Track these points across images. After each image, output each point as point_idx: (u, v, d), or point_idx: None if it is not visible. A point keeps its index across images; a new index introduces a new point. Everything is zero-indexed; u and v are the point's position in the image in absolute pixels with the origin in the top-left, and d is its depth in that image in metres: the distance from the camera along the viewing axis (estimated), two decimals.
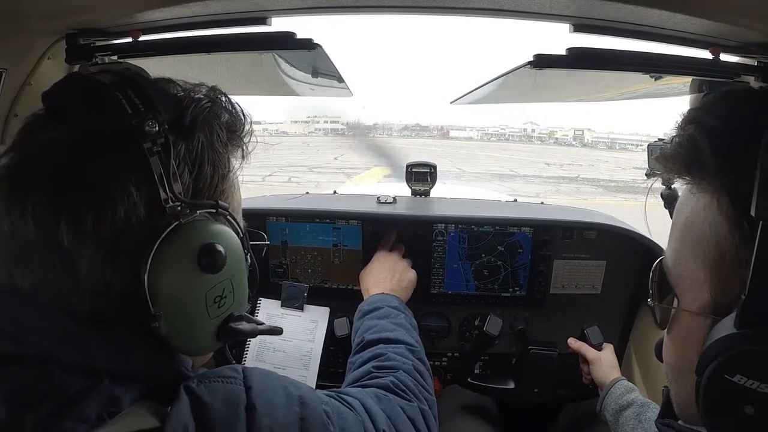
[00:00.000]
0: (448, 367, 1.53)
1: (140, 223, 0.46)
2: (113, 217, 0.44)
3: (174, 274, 0.47)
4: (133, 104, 0.46)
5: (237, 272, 0.53)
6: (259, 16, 0.87)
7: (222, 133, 0.53)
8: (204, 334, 0.52)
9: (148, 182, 0.46)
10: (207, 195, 0.52)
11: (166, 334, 0.48)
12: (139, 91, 0.48)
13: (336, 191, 1.95)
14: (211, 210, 0.51)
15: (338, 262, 1.48)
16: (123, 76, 0.50)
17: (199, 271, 0.48)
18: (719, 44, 0.85)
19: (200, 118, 0.51)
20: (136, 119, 0.46)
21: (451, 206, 1.63)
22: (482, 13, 0.86)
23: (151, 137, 0.46)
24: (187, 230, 0.48)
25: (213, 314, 0.51)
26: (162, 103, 0.48)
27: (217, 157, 0.53)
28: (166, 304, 0.47)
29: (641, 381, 1.42)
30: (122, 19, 0.86)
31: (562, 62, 0.87)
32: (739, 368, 0.40)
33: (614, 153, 31.33)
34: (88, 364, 0.45)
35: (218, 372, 0.52)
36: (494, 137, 44.10)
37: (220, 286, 0.51)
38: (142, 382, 0.48)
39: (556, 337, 1.33)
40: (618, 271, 1.44)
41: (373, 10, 0.90)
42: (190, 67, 1.12)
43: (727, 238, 0.43)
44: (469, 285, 1.48)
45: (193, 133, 0.50)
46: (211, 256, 0.49)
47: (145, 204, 0.46)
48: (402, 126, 49.05)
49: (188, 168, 0.50)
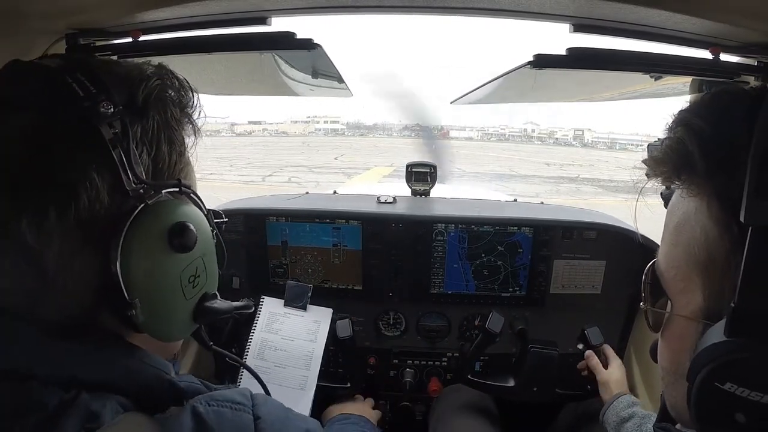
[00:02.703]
0: (448, 367, 1.53)
1: (105, 210, 0.44)
2: (77, 206, 0.42)
3: (147, 258, 0.46)
4: (84, 87, 0.45)
5: (207, 250, 0.53)
6: (259, 16, 0.87)
7: (175, 110, 0.51)
8: (181, 316, 0.51)
9: (109, 166, 0.44)
10: (167, 175, 0.51)
11: (143, 322, 0.46)
12: (89, 74, 0.46)
13: (336, 191, 1.95)
14: (174, 189, 0.50)
15: (338, 262, 1.48)
16: (69, 59, 0.48)
17: (171, 251, 0.47)
18: (719, 44, 0.85)
19: (152, 96, 0.49)
20: (89, 102, 0.44)
21: (451, 206, 1.63)
22: (482, 13, 0.86)
23: (107, 119, 0.44)
24: (155, 211, 0.47)
25: (189, 294, 0.50)
26: (113, 84, 0.46)
27: (173, 135, 0.51)
28: (142, 289, 0.45)
29: (641, 381, 1.42)
30: (122, 19, 0.86)
31: (562, 62, 0.87)
32: (729, 376, 0.39)
33: (614, 153, 31.30)
34: (63, 376, 0.43)
35: (227, 396, 0.51)
36: (494, 137, 44.07)
37: (193, 265, 0.50)
38: (122, 393, 0.46)
39: (556, 337, 1.33)
40: (618, 271, 1.44)
41: (373, 10, 0.90)
42: (190, 67, 1.12)
43: (717, 243, 0.42)
44: (469, 285, 1.48)
45: (147, 112, 0.48)
46: (182, 236, 0.47)
47: (108, 189, 0.44)
48: (402, 126, 49.07)
49: (146, 148, 0.48)
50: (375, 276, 1.48)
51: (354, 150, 23.47)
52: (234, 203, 1.60)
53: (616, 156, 27.54)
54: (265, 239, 1.47)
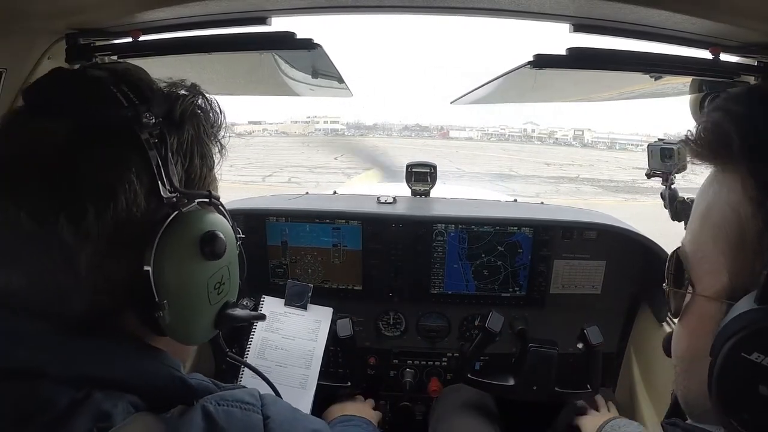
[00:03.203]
0: (448, 367, 1.53)
1: (141, 214, 0.46)
2: (115, 208, 0.44)
3: (178, 263, 0.48)
4: (127, 97, 0.47)
5: (233, 260, 0.55)
6: (259, 16, 0.87)
7: (207, 126, 0.54)
8: (204, 321, 0.53)
9: (147, 172, 0.46)
10: (197, 186, 0.53)
11: (168, 324, 0.48)
12: (132, 85, 0.48)
13: (336, 191, 1.95)
14: (204, 200, 0.53)
15: (338, 262, 1.48)
16: (114, 70, 0.50)
17: (201, 258, 0.49)
18: (719, 44, 0.85)
19: (188, 111, 0.52)
20: (132, 111, 0.47)
21: (451, 206, 1.63)
22: (482, 13, 0.86)
23: (148, 128, 0.47)
24: (188, 219, 0.49)
25: (213, 301, 0.52)
26: (154, 97, 0.49)
27: (205, 149, 0.54)
28: (171, 292, 0.47)
29: (641, 380, 1.42)
30: (122, 19, 0.86)
31: (562, 62, 0.87)
32: (757, 346, 0.39)
33: (614, 153, 31.32)
34: (75, 374, 0.43)
35: (236, 396, 0.52)
36: (494, 137, 44.10)
37: (219, 273, 0.52)
38: (134, 392, 0.46)
39: (556, 337, 1.33)
40: (618, 271, 1.44)
41: (373, 10, 0.90)
42: (190, 67, 1.12)
43: (750, 221, 0.43)
44: (469, 285, 1.48)
45: (183, 126, 0.51)
46: (212, 244, 0.50)
47: (145, 194, 0.46)
48: (402, 126, 49.07)
49: (181, 159, 0.51)
50: (375, 276, 1.48)
51: (354, 150, 23.47)
52: (234, 203, 1.60)
53: (616, 156, 27.55)
54: (265, 239, 1.47)
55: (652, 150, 1.18)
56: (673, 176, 1.16)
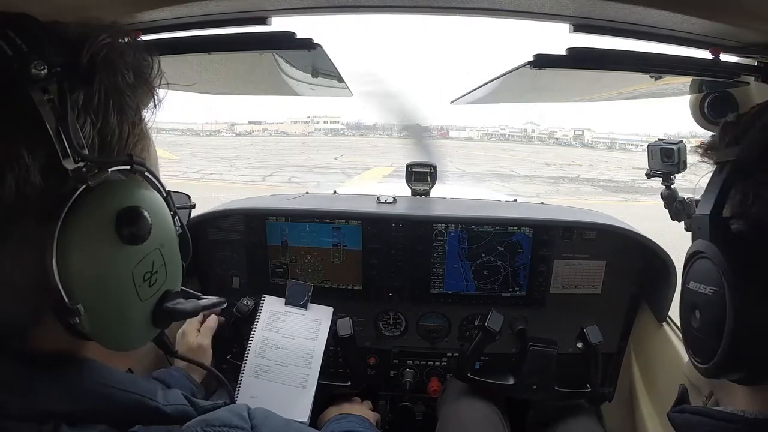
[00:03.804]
0: (448, 367, 1.53)
1: (37, 194, 0.37)
2: (2, 189, 0.35)
3: (89, 252, 0.38)
4: (13, 45, 0.37)
5: (166, 240, 0.45)
6: (259, 16, 0.87)
7: (128, 74, 0.43)
8: (137, 322, 0.44)
9: (42, 140, 0.37)
10: (116, 150, 0.43)
11: (90, 332, 0.39)
12: (22, 31, 0.38)
13: (336, 191, 1.95)
14: (124, 167, 0.43)
15: (338, 263, 1.48)
16: (4, 14, 0.40)
17: (120, 243, 0.40)
18: (719, 44, 0.85)
19: (100, 56, 0.41)
20: (18, 62, 0.36)
21: (451, 206, 1.63)
22: (482, 13, 0.86)
23: (40, 83, 0.37)
24: (99, 194, 0.39)
25: (144, 295, 0.43)
26: (51, 43, 0.39)
27: (125, 102, 0.43)
28: (85, 291, 0.38)
29: (641, 380, 1.42)
30: (122, 19, 0.86)
31: (562, 62, 0.87)
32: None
33: (614, 153, 31.33)
34: (37, 410, 0.38)
35: (223, 420, 0.45)
36: (494, 137, 44.11)
37: (148, 259, 0.43)
38: (104, 422, 0.40)
39: (557, 337, 1.33)
40: (618, 271, 1.44)
41: (373, 10, 0.90)
42: (190, 67, 1.12)
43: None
44: (469, 285, 1.48)
45: (93, 75, 0.40)
46: (133, 224, 0.40)
47: (41, 169, 0.37)
48: (402, 126, 49.07)
49: (90, 118, 0.40)
50: (375, 276, 1.48)
51: (354, 150, 23.47)
52: (234, 203, 1.60)
53: (616, 156, 27.55)
54: (265, 239, 1.47)
55: (652, 150, 1.18)
56: (673, 176, 1.16)
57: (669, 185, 1.17)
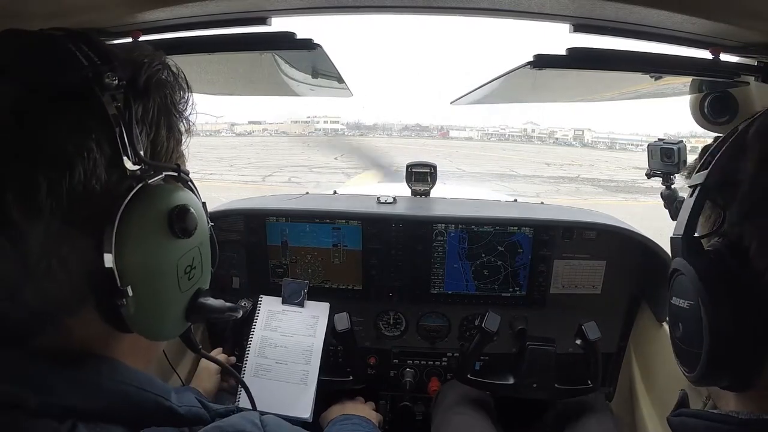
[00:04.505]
0: (448, 366, 1.53)
1: (101, 187, 0.40)
2: (71, 180, 0.38)
3: (143, 241, 0.43)
4: (88, 57, 0.42)
5: (204, 240, 0.50)
6: (259, 16, 0.86)
7: (174, 98, 0.50)
8: (174, 311, 0.48)
9: (109, 140, 0.41)
10: (164, 160, 0.48)
11: (132, 315, 0.42)
12: (93, 45, 0.43)
13: (336, 191, 1.95)
14: (173, 173, 0.48)
15: (338, 263, 1.48)
16: (72, 30, 0.44)
17: (170, 236, 0.44)
18: (719, 44, 0.85)
19: (154, 79, 0.47)
20: (93, 72, 0.41)
21: (451, 206, 1.63)
22: (482, 13, 0.86)
23: (110, 91, 0.41)
24: (155, 192, 0.44)
25: (184, 287, 0.47)
26: (117, 60, 0.44)
27: (173, 121, 0.49)
28: (135, 275, 0.42)
29: (641, 380, 1.42)
30: (122, 19, 0.86)
31: (562, 62, 0.86)
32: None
33: (614, 153, 31.34)
34: (56, 404, 0.39)
35: (236, 426, 0.47)
36: (494, 137, 44.15)
37: (190, 254, 0.47)
38: (119, 422, 0.42)
39: (557, 337, 1.33)
40: (618, 271, 1.44)
41: (373, 10, 0.90)
42: (190, 67, 1.11)
43: None
44: (469, 285, 1.48)
45: (149, 93, 0.46)
46: (183, 220, 0.45)
47: (106, 165, 0.41)
48: (402, 126, 49.08)
49: (146, 129, 0.46)
50: (375, 276, 1.48)
51: (354, 150, 23.46)
52: (234, 203, 1.60)
53: (616, 156, 27.55)
54: (265, 239, 1.47)
55: (652, 150, 1.18)
56: (673, 176, 1.16)
57: (669, 185, 1.17)
